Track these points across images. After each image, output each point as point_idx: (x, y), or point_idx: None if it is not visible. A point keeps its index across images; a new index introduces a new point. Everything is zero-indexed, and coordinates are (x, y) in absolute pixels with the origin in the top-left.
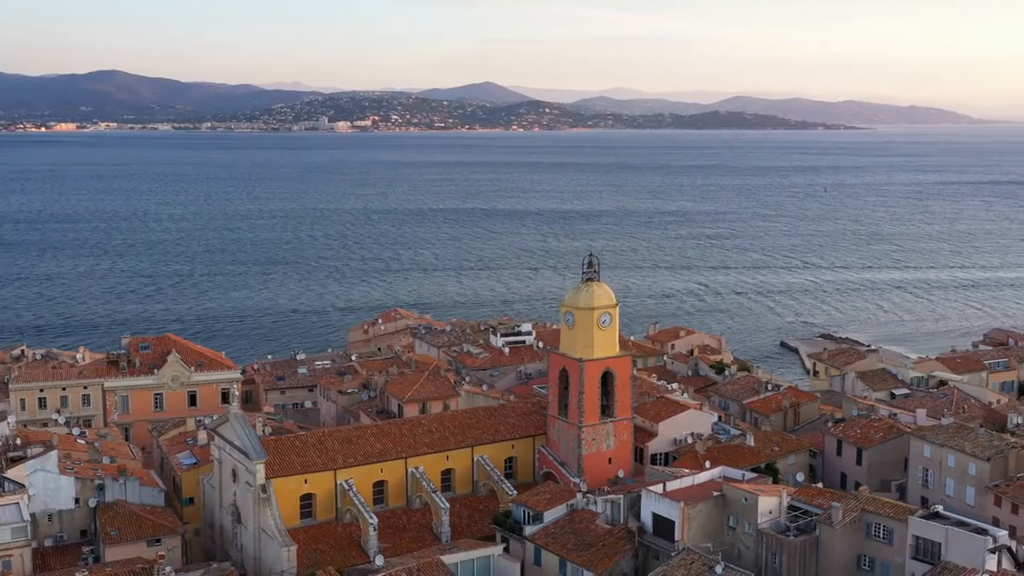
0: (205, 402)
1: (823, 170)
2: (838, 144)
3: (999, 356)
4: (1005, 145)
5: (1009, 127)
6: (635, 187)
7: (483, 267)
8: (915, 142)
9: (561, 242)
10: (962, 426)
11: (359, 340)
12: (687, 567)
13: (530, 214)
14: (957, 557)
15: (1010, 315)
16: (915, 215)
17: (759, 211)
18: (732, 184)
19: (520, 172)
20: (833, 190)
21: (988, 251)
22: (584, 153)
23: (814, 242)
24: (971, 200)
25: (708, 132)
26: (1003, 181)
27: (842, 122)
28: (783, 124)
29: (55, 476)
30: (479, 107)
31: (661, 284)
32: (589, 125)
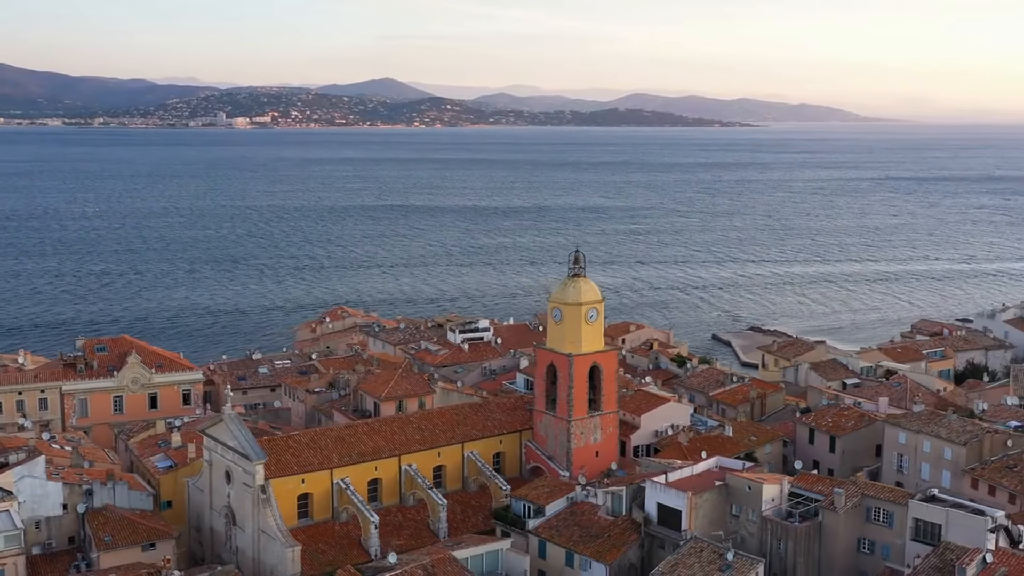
0: (166, 404)
1: (728, 167)
2: (737, 141)
3: (936, 345)
4: (894, 142)
5: (894, 125)
6: (548, 183)
7: (414, 264)
8: (810, 139)
9: (485, 239)
10: (934, 412)
11: (307, 339)
12: (697, 555)
13: (449, 211)
14: (957, 538)
15: (930, 305)
16: (823, 210)
17: (672, 207)
18: (642, 180)
19: (431, 169)
20: (740, 186)
21: (899, 245)
22: (492, 150)
23: (731, 237)
24: (873, 196)
25: (609, 129)
26: (901, 177)
27: (737, 119)
28: (680, 121)
29: (42, 482)
30: (380, 103)
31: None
32: (491, 122)
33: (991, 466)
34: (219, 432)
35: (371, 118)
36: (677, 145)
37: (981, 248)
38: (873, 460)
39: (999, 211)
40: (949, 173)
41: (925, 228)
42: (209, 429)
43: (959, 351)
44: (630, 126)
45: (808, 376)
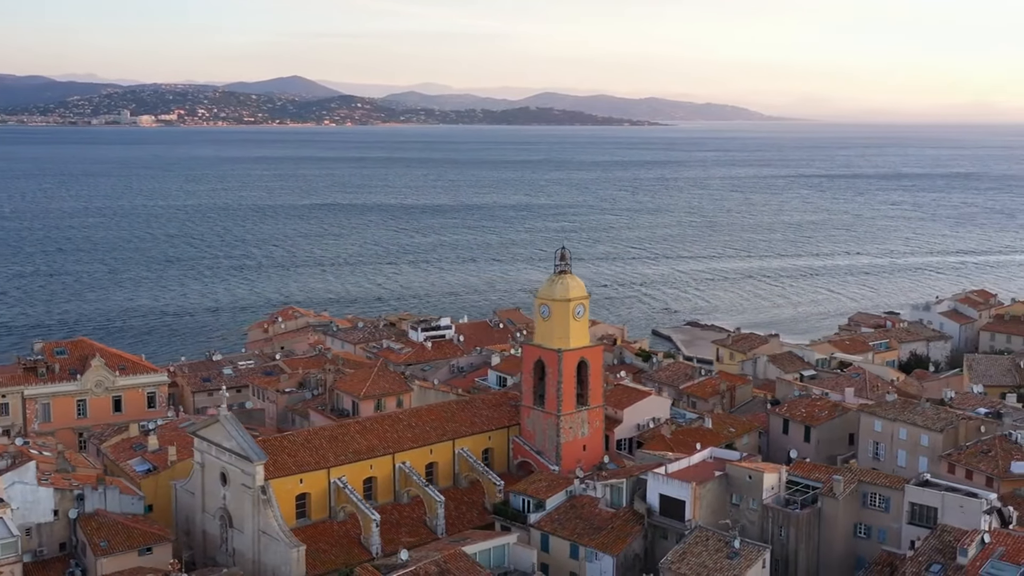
0: (130, 407)
1: (645, 165)
2: (649, 140)
3: (880, 337)
4: (800, 140)
5: (796, 124)
6: (470, 182)
7: (352, 263)
8: (720, 138)
9: (418, 238)
10: (907, 401)
11: (259, 339)
12: (703, 544)
13: (375, 209)
14: (953, 520)
15: (859, 299)
16: (743, 207)
17: (597, 204)
18: (561, 178)
19: (350, 167)
20: (659, 184)
21: (820, 240)
22: (408, 148)
23: (658, 234)
24: (789, 193)
25: (521, 128)
26: (812, 175)
27: (645, 119)
28: (590, 120)
29: (33, 488)
30: (289, 101)
31: (523, 277)
32: (402, 120)
33: (967, 451)
34: (213, 434)
35: (280, 116)
36: (592, 143)
37: (899, 243)
38: (847, 449)
39: (910, 207)
40: (857, 171)
41: (843, 224)
42: (201, 431)
43: (903, 342)
44: (541, 125)
45: (767, 369)
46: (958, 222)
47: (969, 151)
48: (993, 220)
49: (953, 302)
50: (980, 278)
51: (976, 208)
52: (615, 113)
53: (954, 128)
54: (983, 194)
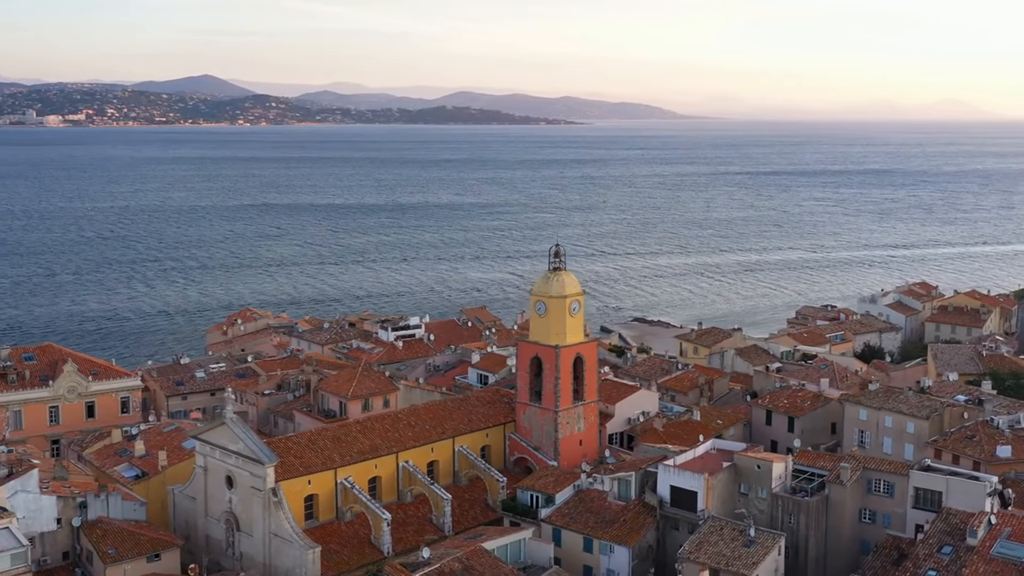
0: (104, 412)
1: (568, 163)
2: (568, 138)
3: (836, 329)
4: (716, 139)
5: (708, 122)
6: (398, 181)
7: (296, 263)
8: (638, 136)
9: (355, 237)
10: (890, 390)
11: (219, 341)
12: (718, 533)
13: (307, 209)
14: (957, 503)
15: (798, 293)
16: (671, 204)
17: (528, 203)
18: (489, 177)
19: (273, 167)
20: (585, 182)
21: (751, 236)
22: (330, 148)
23: (593, 232)
24: (712, 190)
25: (440, 127)
26: (732, 172)
27: (562, 117)
28: (508, 119)
29: (36, 496)
30: (201, 101)
31: (472, 276)
32: (318, 120)
33: (952, 437)
34: (218, 437)
35: (192, 116)
36: (513, 142)
37: (828, 238)
38: (829, 438)
39: (832, 203)
40: (776, 168)
41: (771, 220)
42: (204, 435)
43: (857, 334)
44: (459, 124)
45: (735, 362)
46: (881, 217)
47: (880, 148)
48: (913, 215)
49: (898, 294)
50: (911, 271)
51: (896, 203)
52: (532, 112)
53: (858, 126)
54: (900, 190)
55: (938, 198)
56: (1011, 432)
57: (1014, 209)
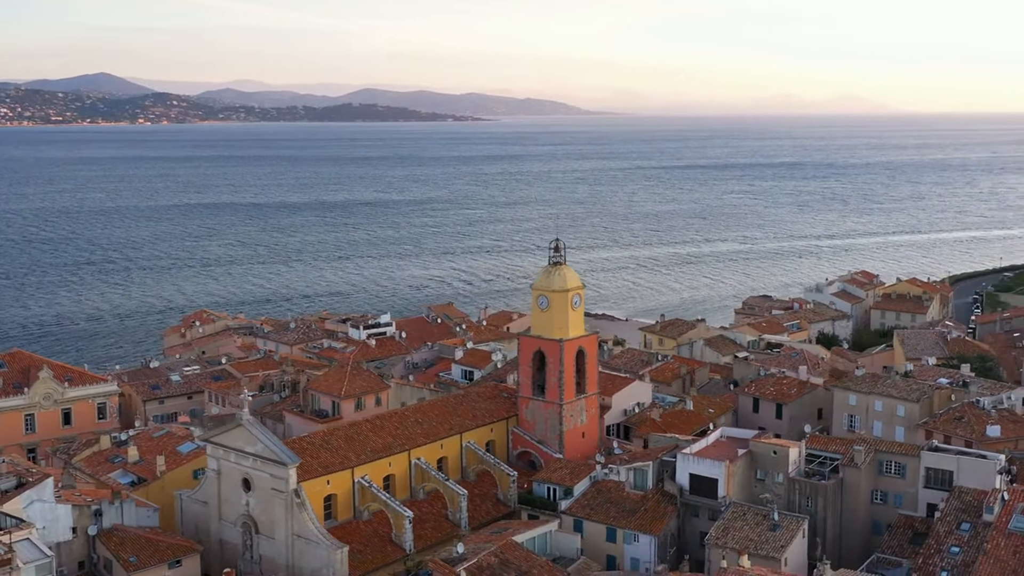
0: (80, 419)
1: (485, 159)
2: (479, 135)
3: (792, 319)
4: (623, 133)
5: (612, 117)
6: (316, 179)
7: (233, 263)
8: (548, 132)
9: (289, 236)
10: (876, 375)
11: (177, 344)
12: (742, 518)
13: (227, 208)
14: (968, 481)
15: (736, 284)
16: (593, 199)
17: (452, 199)
18: (408, 175)
19: (184, 167)
20: (505, 178)
21: (679, 228)
22: (239, 146)
23: (524, 227)
24: (632, 184)
25: (347, 124)
26: (648, 167)
27: (468, 114)
28: (415, 116)
29: (52, 506)
30: (99, 99)
31: (418, 273)
32: (221, 118)
33: (942, 419)
34: (233, 439)
35: (90, 115)
36: (425, 139)
37: (753, 229)
38: (815, 423)
39: (750, 196)
40: (690, 162)
41: (694, 213)
42: (217, 437)
43: (811, 323)
44: (366, 121)
45: (704, 352)
46: (800, 208)
47: (787, 142)
48: (831, 206)
49: (842, 283)
50: (840, 260)
51: (812, 195)
52: (439, 109)
53: (762, 120)
54: (812, 182)
55: (851, 189)
56: (996, 412)
57: (924, 200)
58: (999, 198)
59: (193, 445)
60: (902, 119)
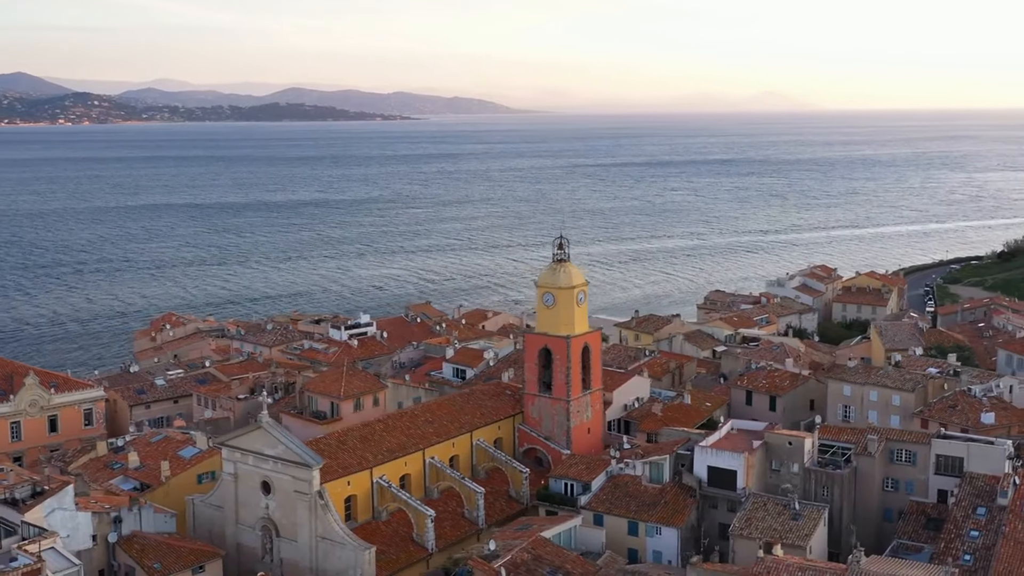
0: (67, 426)
1: (421, 159)
2: (409, 134)
3: (761, 313)
4: (556, 131)
5: (540, 116)
6: (254, 179)
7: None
8: (479, 131)
9: (234, 237)
10: (868, 366)
11: (148, 348)
12: (763, 508)
13: (165, 209)
14: (978, 467)
15: (692, 279)
16: (538, 197)
17: (395, 199)
18: (347, 174)
19: (115, 167)
20: (444, 176)
21: (627, 226)
22: (169, 147)
23: (472, 225)
24: (572, 182)
25: (275, 124)
26: (585, 164)
27: (396, 113)
28: (343, 115)
29: (72, 514)
30: (17, 99)
31: (361, 273)
32: (144, 118)
33: (936, 407)
34: (251, 442)
35: (8, 115)
36: (358, 139)
37: (698, 225)
38: (808, 414)
39: (689, 192)
40: (624, 159)
41: (638, 210)
42: (233, 440)
43: (780, 316)
44: (293, 120)
45: (683, 347)
46: (741, 204)
47: (717, 139)
48: (770, 202)
49: (802, 277)
50: (789, 254)
51: (749, 191)
52: (366, 108)
53: (689, 117)
54: (748, 178)
55: (786, 185)
56: (988, 400)
57: (859, 195)
58: (930, 193)
59: (196, 450)
60: (821, 116)
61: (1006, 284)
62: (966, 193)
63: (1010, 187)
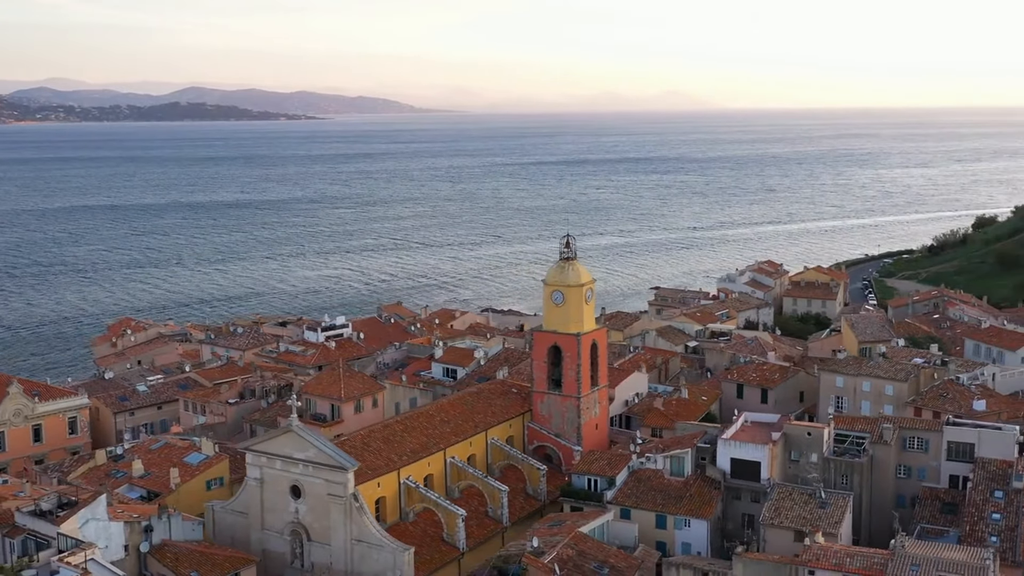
0: (52, 435)
1: (337, 159)
2: (317, 133)
3: (721, 308)
4: (465, 131)
5: (446, 115)
6: (168, 180)
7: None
8: (391, 130)
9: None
10: (858, 358)
11: (109, 354)
12: (789, 498)
13: (82, 211)
14: (988, 453)
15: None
16: (463, 196)
17: (319, 199)
18: (265, 175)
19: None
20: (364, 177)
21: (556, 224)
22: (71, 147)
23: (402, 224)
24: (494, 181)
25: (179, 124)
26: (501, 163)
27: (300, 112)
28: (246, 115)
29: (106, 524)
30: None
31: (298, 273)
32: (39, 118)
33: (927, 396)
34: (279, 447)
35: None
36: (268, 138)
37: (627, 223)
38: (798, 406)
39: (611, 190)
40: (540, 158)
41: (564, 208)
42: (260, 445)
43: (739, 311)
44: (195, 120)
45: (657, 342)
46: (663, 202)
47: (627, 138)
48: (692, 199)
49: (752, 273)
50: (721, 249)
51: (670, 189)
52: (270, 107)
53: (595, 116)
54: (665, 176)
55: (704, 183)
56: (976, 388)
57: (775, 192)
58: (844, 190)
59: (202, 456)
60: (720, 115)
61: (938, 277)
62: (878, 189)
63: (917, 183)
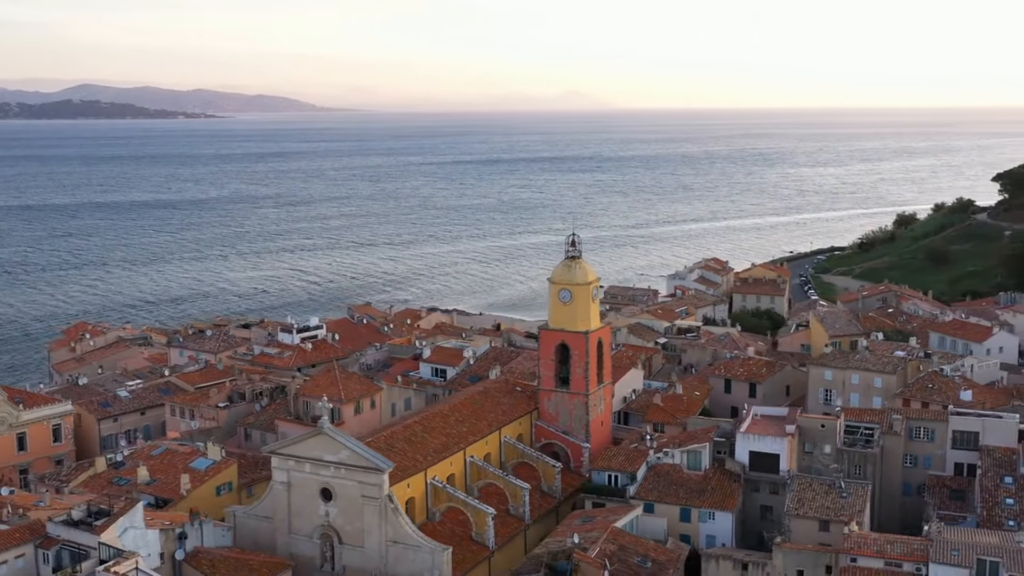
0: (36, 443)
1: (248, 158)
2: (221, 132)
3: (680, 305)
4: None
5: (347, 114)
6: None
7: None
8: (295, 129)
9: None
10: (845, 352)
11: (68, 359)
12: (810, 488)
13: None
14: (992, 440)
15: None
16: (384, 195)
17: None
18: (175, 174)
19: None
20: (279, 176)
21: (485, 222)
22: None
23: (332, 224)
24: (413, 180)
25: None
26: (416, 163)
27: (198, 110)
28: (143, 113)
29: (143, 532)
30: None
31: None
32: None
33: (914, 387)
34: (309, 449)
35: None
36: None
37: (555, 221)
38: (785, 399)
39: (533, 189)
40: (455, 157)
41: (490, 207)
42: (287, 449)
43: (697, 308)
44: (89, 119)
45: (628, 338)
46: (587, 200)
47: (535, 137)
48: (613, 198)
49: (700, 270)
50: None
51: (589, 188)
52: (167, 105)
53: (499, 115)
54: (581, 175)
55: (621, 181)
56: (959, 378)
57: (692, 190)
58: (758, 188)
59: (209, 461)
60: (620, 114)
61: (872, 273)
62: (790, 187)
63: (827, 182)
